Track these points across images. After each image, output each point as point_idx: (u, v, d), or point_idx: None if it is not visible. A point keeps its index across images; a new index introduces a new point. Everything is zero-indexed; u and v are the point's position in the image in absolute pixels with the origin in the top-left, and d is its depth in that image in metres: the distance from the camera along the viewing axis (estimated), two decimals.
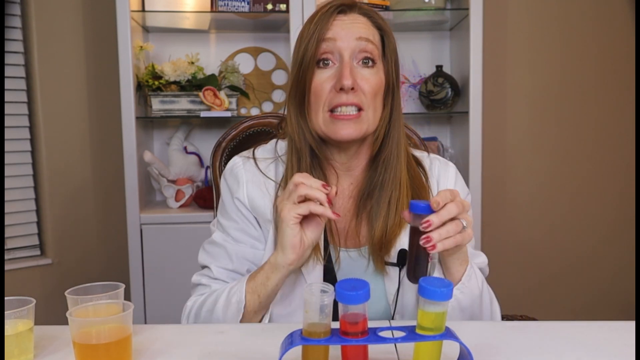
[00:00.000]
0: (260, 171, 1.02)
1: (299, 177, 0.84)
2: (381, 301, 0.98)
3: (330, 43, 0.94)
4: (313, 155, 0.99)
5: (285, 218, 0.84)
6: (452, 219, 0.79)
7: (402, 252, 0.96)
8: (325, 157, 1.00)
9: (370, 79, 0.94)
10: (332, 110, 0.94)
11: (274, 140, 1.07)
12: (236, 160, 1.05)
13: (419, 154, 1.08)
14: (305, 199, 0.83)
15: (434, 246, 0.78)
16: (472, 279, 0.92)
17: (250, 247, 1.00)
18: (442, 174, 1.06)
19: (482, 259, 1.06)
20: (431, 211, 0.78)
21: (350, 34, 0.94)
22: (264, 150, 1.06)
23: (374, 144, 0.99)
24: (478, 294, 0.93)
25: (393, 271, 0.97)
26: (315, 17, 0.96)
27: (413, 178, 1.01)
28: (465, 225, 0.80)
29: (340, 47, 0.93)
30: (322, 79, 0.94)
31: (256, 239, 1.01)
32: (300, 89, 0.96)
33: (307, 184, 0.83)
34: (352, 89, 0.92)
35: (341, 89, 0.92)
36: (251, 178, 1.01)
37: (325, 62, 0.95)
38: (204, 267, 1.04)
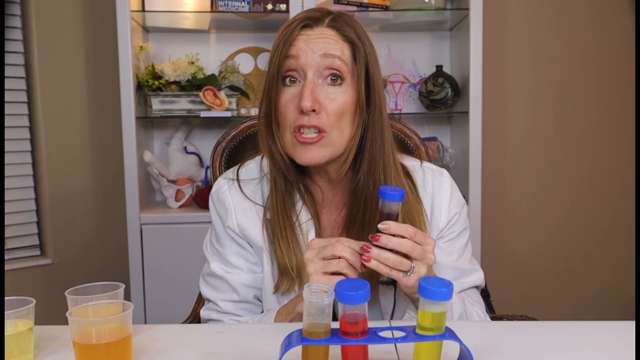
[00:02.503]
0: (246, 196, 0.99)
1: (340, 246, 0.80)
2: (377, 320, 0.96)
3: (294, 60, 0.89)
4: (287, 177, 0.96)
5: (312, 278, 0.80)
6: (405, 255, 0.78)
7: None
8: (303, 177, 0.98)
9: (336, 99, 0.89)
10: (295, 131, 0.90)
11: (259, 157, 1.04)
12: (222, 184, 1.02)
13: (410, 163, 1.03)
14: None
15: (367, 259, 0.78)
16: None
17: (250, 273, 0.99)
18: (436, 187, 1.00)
19: (474, 277, 1.01)
20: (400, 199, 0.78)
21: (315, 49, 0.88)
22: (248, 170, 1.03)
23: (346, 162, 0.93)
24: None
25: (388, 290, 0.95)
26: (281, 32, 0.91)
27: (405, 197, 0.95)
28: (410, 271, 0.79)
29: (304, 64, 0.88)
30: (287, 98, 0.90)
31: (254, 263, 0.99)
32: (268, 108, 0.93)
33: (344, 246, 0.79)
34: (314, 110, 0.88)
35: (302, 112, 0.88)
36: (239, 204, 0.99)
37: (292, 79, 0.90)
38: (209, 300, 1.02)
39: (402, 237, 0.78)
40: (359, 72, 0.91)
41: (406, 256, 0.79)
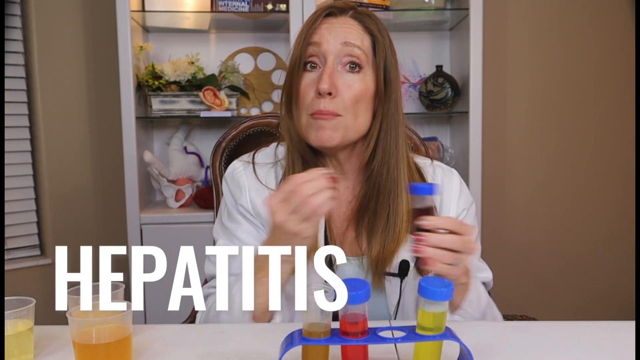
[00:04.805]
0: (259, 180, 1.01)
1: (298, 184, 0.77)
2: (382, 312, 0.96)
3: (316, 47, 0.93)
4: (305, 158, 0.98)
5: (301, 234, 0.79)
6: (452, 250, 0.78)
7: (403, 263, 0.95)
8: (318, 160, 0.99)
9: (353, 85, 0.92)
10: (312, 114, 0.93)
11: (274, 144, 1.06)
12: (237, 165, 1.04)
13: (421, 161, 1.05)
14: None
15: (425, 261, 0.76)
16: (473, 304, 0.90)
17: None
18: (446, 183, 1.03)
19: (485, 275, 1.02)
20: (433, 192, 0.77)
21: (336, 37, 0.93)
22: (264, 155, 1.05)
23: (364, 152, 0.96)
24: (479, 317, 0.92)
25: (394, 282, 0.96)
26: (307, 20, 0.96)
27: None
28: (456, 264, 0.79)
29: (325, 50, 0.92)
30: (307, 83, 0.94)
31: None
32: (289, 92, 0.96)
33: (309, 190, 0.77)
34: (330, 94, 0.91)
35: (319, 94, 0.91)
36: (253, 185, 1.01)
37: (313, 65, 0.94)
38: (211, 278, 1.02)
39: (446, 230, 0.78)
40: (378, 63, 0.95)
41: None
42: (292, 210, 0.78)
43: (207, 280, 1.05)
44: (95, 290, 0.77)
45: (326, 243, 0.97)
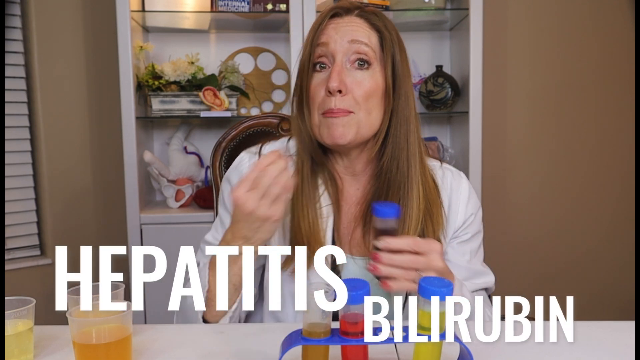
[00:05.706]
0: None
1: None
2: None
3: (324, 47, 0.94)
4: (315, 159, 0.98)
5: (272, 217, 0.81)
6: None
7: None
8: (328, 162, 0.99)
9: (363, 82, 0.93)
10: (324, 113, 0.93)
11: (285, 138, 1.06)
12: (243, 157, 1.04)
13: (430, 163, 1.04)
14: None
15: (385, 284, 0.79)
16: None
17: None
18: (454, 187, 1.02)
19: (486, 279, 1.02)
20: (395, 215, 0.78)
21: (343, 36, 0.93)
22: (272, 147, 1.04)
23: (373, 148, 0.97)
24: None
25: None
26: (314, 22, 0.97)
27: (428, 191, 0.97)
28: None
29: (333, 50, 0.93)
30: (317, 82, 0.94)
31: None
32: (300, 94, 0.97)
33: (275, 171, 0.80)
34: (340, 91, 0.91)
35: (330, 92, 0.91)
36: None
37: (322, 65, 0.95)
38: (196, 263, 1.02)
39: (403, 250, 0.79)
40: (386, 59, 0.95)
41: None
42: (261, 196, 0.80)
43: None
44: (95, 290, 0.77)
45: (333, 243, 0.97)
